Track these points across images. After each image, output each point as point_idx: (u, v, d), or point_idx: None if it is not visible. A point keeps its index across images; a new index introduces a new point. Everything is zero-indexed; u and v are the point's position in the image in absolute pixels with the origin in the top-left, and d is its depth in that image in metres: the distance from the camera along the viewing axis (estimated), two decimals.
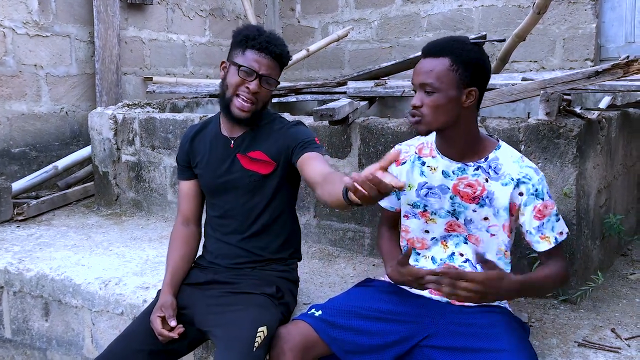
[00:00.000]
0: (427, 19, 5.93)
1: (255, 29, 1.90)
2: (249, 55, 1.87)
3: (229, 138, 1.99)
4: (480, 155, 1.76)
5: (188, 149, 2.07)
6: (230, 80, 1.89)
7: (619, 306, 2.21)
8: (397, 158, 1.32)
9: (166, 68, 5.37)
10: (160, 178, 3.57)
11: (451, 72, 1.66)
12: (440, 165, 1.79)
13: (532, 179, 1.71)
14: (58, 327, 2.64)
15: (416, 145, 1.88)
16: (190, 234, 2.08)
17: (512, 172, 1.72)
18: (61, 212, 3.78)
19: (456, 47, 1.68)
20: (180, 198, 2.12)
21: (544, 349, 1.88)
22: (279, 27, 6.73)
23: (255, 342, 1.67)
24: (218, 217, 2.04)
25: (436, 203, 1.82)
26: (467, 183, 1.76)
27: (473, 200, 1.76)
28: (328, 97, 3.91)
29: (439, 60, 1.67)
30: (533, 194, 1.71)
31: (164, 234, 3.23)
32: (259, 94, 1.88)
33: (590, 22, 5.18)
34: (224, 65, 1.95)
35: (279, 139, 1.95)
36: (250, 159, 1.96)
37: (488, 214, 1.76)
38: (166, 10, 5.31)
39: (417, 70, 1.71)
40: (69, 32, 4.52)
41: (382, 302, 1.86)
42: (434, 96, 1.67)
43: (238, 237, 2.00)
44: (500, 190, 1.73)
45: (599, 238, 2.44)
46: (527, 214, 1.72)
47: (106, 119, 3.75)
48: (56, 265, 2.73)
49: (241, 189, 1.98)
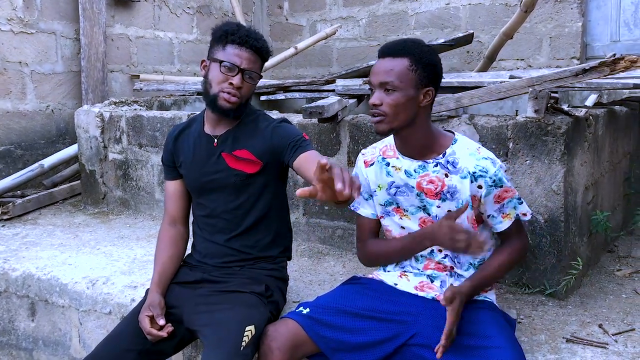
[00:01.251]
0: (415, 17, 5.94)
1: (234, 25, 1.89)
2: (229, 50, 1.86)
3: (212, 136, 1.98)
4: (439, 151, 1.79)
5: (172, 148, 2.06)
6: (212, 77, 1.88)
7: (606, 302, 2.23)
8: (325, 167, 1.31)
9: (153, 66, 5.34)
10: (148, 176, 3.54)
11: (410, 72, 1.70)
12: (403, 165, 1.82)
13: (488, 171, 1.74)
14: (44, 327, 2.61)
15: (380, 147, 1.92)
16: (177, 234, 2.07)
17: (468, 166, 1.75)
18: (47, 211, 3.74)
19: (414, 48, 1.72)
20: (167, 198, 2.10)
21: (533, 345, 1.89)
22: (266, 24, 6.72)
23: (242, 342, 1.67)
24: (205, 216, 2.03)
25: (405, 201, 1.85)
26: (429, 180, 1.79)
27: (436, 196, 1.79)
28: (317, 95, 3.90)
29: (398, 60, 1.70)
30: (491, 185, 1.75)
31: (152, 232, 3.21)
32: (242, 88, 1.87)
33: (576, 21, 5.22)
34: (204, 64, 1.94)
35: (265, 137, 1.93)
36: (236, 157, 1.94)
37: (451, 207, 1.79)
38: (153, 8, 5.28)
39: (376, 70, 1.73)
40: (54, 29, 4.48)
41: (370, 299, 1.86)
42: (394, 95, 1.69)
43: (225, 236, 1.99)
44: (460, 184, 1.76)
45: (586, 235, 2.46)
46: (488, 202, 1.77)
47: (93, 116, 3.71)
48: (42, 264, 2.70)
49: (227, 188, 1.96)
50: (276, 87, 4.17)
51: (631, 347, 1.87)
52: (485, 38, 5.51)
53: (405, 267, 1.89)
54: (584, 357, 1.81)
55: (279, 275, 2.03)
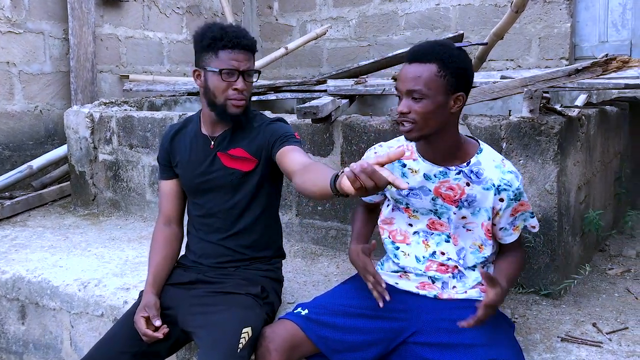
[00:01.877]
0: (405, 18, 5.95)
1: (217, 28, 1.84)
2: (223, 56, 1.82)
3: (209, 137, 1.97)
4: (463, 159, 1.75)
5: (168, 147, 2.05)
6: (215, 88, 1.85)
7: (599, 301, 2.24)
8: (401, 156, 1.32)
9: (143, 66, 5.30)
10: (139, 177, 3.52)
11: (439, 78, 1.63)
12: (422, 168, 1.79)
13: (512, 186, 1.73)
14: (35, 331, 2.58)
15: (395, 147, 1.87)
16: (172, 234, 2.05)
17: (493, 178, 1.73)
18: (37, 213, 3.70)
19: (443, 53, 1.65)
20: (162, 198, 2.09)
21: (528, 344, 1.89)
22: (256, 24, 6.70)
23: (239, 344, 1.66)
24: (200, 216, 2.02)
25: (417, 202, 1.82)
26: (449, 186, 1.76)
27: (453, 203, 1.77)
28: (308, 95, 3.89)
29: (426, 66, 1.63)
30: (513, 199, 1.75)
31: (143, 234, 3.19)
32: (246, 89, 1.86)
33: (565, 22, 5.26)
34: (197, 73, 1.90)
35: (259, 135, 1.93)
36: (231, 156, 1.94)
37: (466, 214, 1.78)
38: (142, 8, 5.24)
39: (403, 76, 1.66)
40: (43, 28, 4.43)
41: (368, 299, 1.86)
42: (423, 103, 1.63)
43: (221, 236, 1.98)
44: (482, 194, 1.74)
45: (579, 234, 2.48)
46: (505, 215, 1.77)
47: (83, 117, 3.68)
48: (33, 267, 2.67)
49: (223, 187, 1.96)
50: (267, 88, 4.16)
51: (625, 345, 1.88)
52: (475, 39, 5.53)
53: (406, 268, 1.89)
54: (579, 356, 1.82)
55: (274, 276, 2.02)
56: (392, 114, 2.56)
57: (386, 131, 2.59)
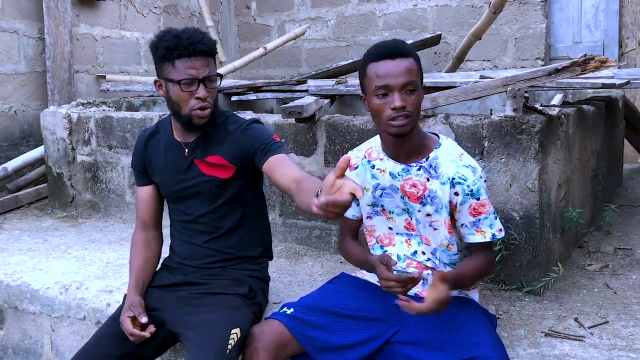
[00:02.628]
0: (383, 18, 5.99)
1: (171, 37, 1.78)
2: (179, 65, 1.76)
3: (182, 144, 1.93)
4: (423, 154, 1.77)
5: (143, 154, 2.01)
6: (177, 98, 1.80)
7: (580, 296, 2.29)
8: (347, 165, 1.33)
9: (120, 66, 5.24)
10: (118, 179, 3.47)
11: (418, 70, 1.70)
12: (388, 167, 1.81)
13: (467, 180, 1.72)
14: (14, 335, 2.53)
15: (365, 149, 1.89)
16: (150, 238, 2.03)
17: (449, 172, 1.73)
18: (13, 216, 3.63)
19: (411, 48, 1.73)
20: (138, 204, 2.05)
21: (513, 340, 1.92)
22: (234, 25, 6.67)
23: (228, 344, 1.65)
24: (182, 221, 2.00)
25: (390, 203, 1.84)
26: (412, 183, 1.78)
27: (417, 200, 1.78)
28: (289, 95, 3.89)
29: (408, 60, 1.67)
30: (468, 194, 1.72)
31: (124, 235, 3.15)
32: (209, 95, 1.81)
33: (540, 23, 5.35)
34: (159, 84, 1.85)
35: (236, 141, 1.89)
36: (209, 164, 1.91)
37: (430, 211, 1.79)
38: (119, 7, 5.18)
39: (392, 72, 1.65)
40: (17, 28, 4.35)
41: (354, 298, 1.87)
42: (415, 95, 1.67)
43: (206, 238, 1.96)
44: (440, 189, 1.75)
45: (559, 231, 2.52)
46: (463, 211, 1.75)
47: (60, 118, 3.62)
48: (11, 270, 2.62)
49: (202, 194, 1.93)
50: (247, 88, 4.15)
51: (606, 339, 1.92)
52: (452, 39, 5.60)
53: None
54: (562, 350, 1.85)
55: (261, 276, 2.01)
56: None
57: (369, 130, 2.60)
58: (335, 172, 1.32)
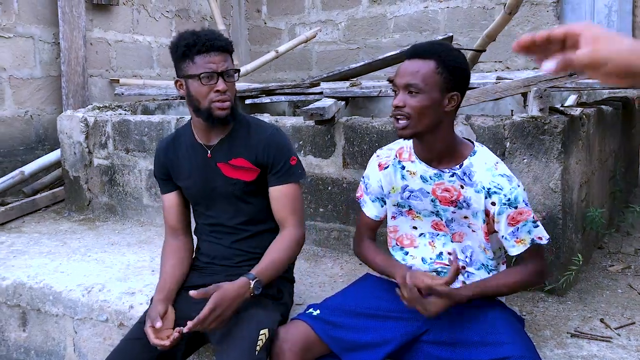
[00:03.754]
0: (394, 21, 6.00)
1: (189, 35, 1.83)
2: (199, 61, 1.81)
3: (206, 147, 1.95)
4: (456, 161, 1.76)
5: (164, 161, 2.02)
6: (197, 93, 1.83)
7: (604, 297, 2.28)
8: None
9: (133, 70, 5.27)
10: (136, 181, 3.49)
11: (436, 74, 1.66)
12: (419, 170, 1.80)
13: (503, 189, 1.69)
14: (37, 337, 2.55)
15: (396, 149, 1.89)
16: (180, 245, 2.03)
17: (483, 181, 1.72)
18: (31, 219, 3.65)
19: (441, 51, 1.68)
20: (165, 211, 2.06)
21: (539, 340, 1.92)
22: (245, 28, 6.69)
23: (257, 345, 1.65)
24: (208, 224, 2.01)
25: (419, 205, 1.83)
26: (445, 188, 1.77)
27: (451, 204, 1.78)
28: (302, 98, 3.90)
29: (425, 62, 1.67)
30: (505, 203, 1.69)
31: (142, 238, 3.16)
32: (228, 90, 1.85)
33: (552, 23, 5.33)
34: (179, 83, 1.89)
35: (259, 146, 1.91)
36: (233, 166, 1.92)
37: (467, 214, 1.78)
38: (132, 12, 5.21)
39: (401, 71, 1.69)
40: (33, 33, 4.38)
41: (379, 299, 1.87)
42: (419, 97, 1.65)
43: (233, 239, 1.97)
44: (474, 197, 1.74)
45: (580, 232, 2.51)
46: (502, 222, 1.72)
47: (77, 122, 3.64)
48: (33, 273, 2.64)
49: (227, 197, 1.94)
50: (260, 91, 4.16)
51: (634, 339, 1.91)
52: (464, 41, 5.59)
53: (413, 267, 1.90)
54: (590, 351, 1.85)
55: (288, 277, 2.02)
56: None
57: (388, 132, 2.60)
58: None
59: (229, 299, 1.68)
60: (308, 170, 2.84)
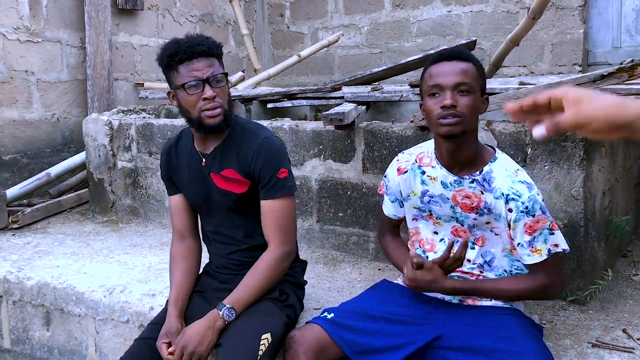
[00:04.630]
0: (417, 25, 5.97)
1: (172, 44, 1.80)
2: (182, 70, 1.77)
3: (201, 155, 1.93)
4: (477, 167, 1.75)
5: (167, 164, 2.03)
6: (186, 103, 1.80)
7: (627, 307, 2.24)
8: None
9: (157, 74, 5.32)
10: (158, 184, 3.53)
11: (478, 77, 1.69)
12: (439, 175, 1.80)
13: (521, 196, 1.68)
14: (60, 337, 2.59)
15: (416, 153, 1.88)
16: (187, 249, 2.04)
17: (502, 187, 1.70)
18: (56, 220, 3.72)
19: (473, 56, 1.71)
20: (172, 214, 2.07)
21: (559, 350, 1.89)
22: (268, 32, 6.73)
23: (259, 350, 1.67)
24: (210, 231, 2.03)
25: (439, 210, 1.83)
26: (465, 194, 1.76)
27: (472, 210, 1.77)
28: (323, 102, 3.91)
29: (467, 63, 1.68)
30: (523, 211, 1.68)
31: (164, 240, 3.20)
32: (217, 96, 1.79)
33: (578, 28, 5.26)
34: (172, 95, 1.87)
35: (248, 156, 1.86)
36: (224, 178, 1.90)
37: (490, 219, 1.77)
38: (157, 16, 5.28)
39: (445, 71, 1.66)
40: (60, 37, 4.47)
41: (394, 304, 1.87)
42: (470, 96, 1.65)
43: (233, 248, 1.98)
44: (494, 202, 1.73)
45: (603, 240, 2.47)
46: (518, 229, 1.70)
47: (101, 125, 3.70)
48: (57, 273, 2.69)
49: (221, 207, 1.94)
50: (282, 95, 4.18)
51: None
52: (487, 45, 5.55)
53: None
54: None
55: (293, 280, 2.01)
56: (415, 120, 2.57)
57: (408, 137, 2.60)
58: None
59: (196, 336, 1.72)
60: (328, 175, 2.85)
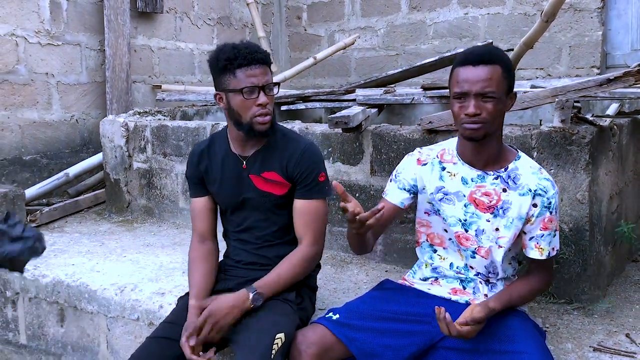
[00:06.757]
0: (434, 27, 5.97)
1: (229, 49, 1.86)
2: (240, 75, 1.83)
3: (241, 158, 1.99)
4: (501, 164, 1.79)
5: (198, 166, 2.06)
6: (238, 107, 1.87)
7: (632, 312, 2.23)
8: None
9: (174, 76, 5.42)
10: (172, 185, 3.60)
11: (504, 79, 1.70)
12: (460, 171, 1.82)
13: (547, 192, 1.75)
14: (73, 333, 2.66)
15: (438, 150, 1.91)
16: (208, 251, 2.07)
17: (530, 183, 1.76)
18: (73, 219, 3.80)
19: (502, 55, 1.73)
20: (194, 216, 2.11)
21: (560, 353, 1.89)
22: (285, 35, 6.78)
23: (273, 349, 1.70)
24: (236, 231, 2.07)
25: (448, 210, 1.84)
26: (484, 192, 1.78)
27: (488, 210, 1.79)
28: (337, 105, 3.94)
29: (493, 67, 1.69)
30: (546, 206, 1.75)
31: (177, 240, 3.26)
32: (269, 103, 1.88)
33: (596, 30, 5.21)
34: (219, 97, 1.93)
35: (291, 162, 1.94)
36: (265, 179, 1.96)
37: (499, 225, 1.79)
38: (175, 19, 5.36)
39: (470, 78, 1.68)
40: (80, 40, 4.57)
41: (399, 304, 1.89)
42: (494, 103, 1.68)
43: (257, 246, 2.02)
44: (517, 200, 1.76)
45: (610, 244, 2.46)
46: (536, 223, 1.77)
47: (118, 126, 3.78)
48: (71, 271, 2.76)
49: (258, 208, 2.00)
50: (296, 97, 4.22)
51: None
52: (504, 47, 5.51)
53: (438, 268, 1.92)
54: None
55: (309, 284, 2.06)
56: (422, 124, 2.58)
57: (416, 140, 2.61)
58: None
59: (224, 308, 1.76)
60: (336, 177, 2.88)
